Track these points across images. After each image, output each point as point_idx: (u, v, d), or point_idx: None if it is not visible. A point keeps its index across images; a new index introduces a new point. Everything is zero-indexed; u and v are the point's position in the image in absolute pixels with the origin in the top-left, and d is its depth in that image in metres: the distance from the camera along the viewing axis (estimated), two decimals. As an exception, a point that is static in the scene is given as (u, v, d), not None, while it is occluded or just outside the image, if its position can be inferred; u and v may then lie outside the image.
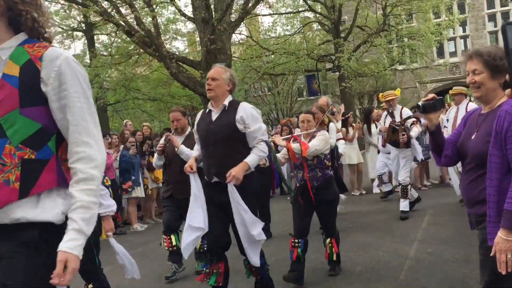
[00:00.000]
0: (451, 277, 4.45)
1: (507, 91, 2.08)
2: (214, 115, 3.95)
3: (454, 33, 28.83)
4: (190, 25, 21.42)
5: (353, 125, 10.60)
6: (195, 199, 3.94)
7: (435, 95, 2.66)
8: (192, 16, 14.87)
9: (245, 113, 3.81)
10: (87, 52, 20.30)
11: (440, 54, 29.10)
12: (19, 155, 1.73)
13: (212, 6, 13.66)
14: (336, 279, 4.76)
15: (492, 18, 29.00)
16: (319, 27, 23.98)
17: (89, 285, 3.94)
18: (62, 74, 1.76)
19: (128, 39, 15.81)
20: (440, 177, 10.36)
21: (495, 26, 28.54)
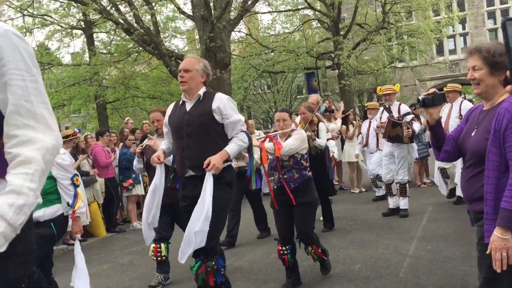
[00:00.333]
0: (450, 275, 4.45)
1: (508, 87, 2.07)
2: (189, 106, 3.75)
3: (453, 31, 28.82)
4: (189, 23, 21.46)
5: (353, 122, 10.61)
6: (153, 191, 3.75)
7: (435, 90, 2.65)
8: (191, 14, 14.83)
9: (222, 103, 3.63)
10: (86, 50, 20.29)
11: (440, 51, 29.08)
12: None
13: (211, 4, 13.63)
14: (335, 276, 4.76)
15: (491, 15, 28.98)
16: (319, 24, 23.98)
17: None
18: (0, 48, 1.54)
19: (127, 37, 15.80)
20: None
21: (495, 24, 28.52)
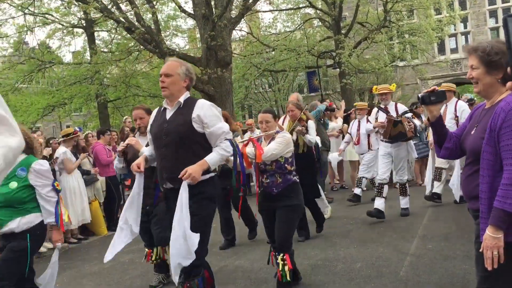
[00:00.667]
0: (451, 273, 4.45)
1: (509, 84, 2.06)
2: (169, 113, 3.53)
3: (455, 30, 28.78)
4: (191, 22, 21.45)
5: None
6: (132, 202, 3.55)
7: (435, 87, 2.66)
8: (192, 12, 14.84)
9: (203, 111, 3.39)
10: (88, 49, 20.30)
11: (441, 50, 29.05)
12: None
13: (212, 2, 13.63)
14: (336, 275, 4.76)
15: (493, 14, 28.93)
16: (320, 23, 23.95)
17: None
18: None
19: (128, 35, 15.79)
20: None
21: (496, 23, 28.45)
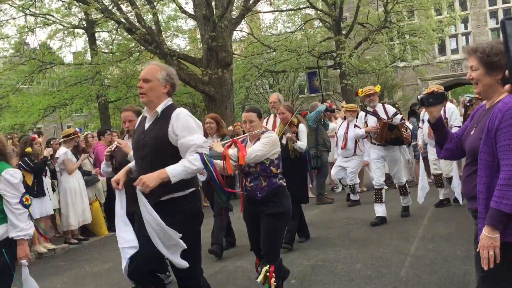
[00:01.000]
0: (452, 274, 4.45)
1: (506, 87, 2.07)
2: (148, 123, 3.30)
3: (455, 30, 28.78)
4: (191, 22, 21.46)
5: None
6: (120, 220, 3.29)
7: (435, 89, 2.66)
8: (193, 13, 14.86)
9: (177, 122, 3.12)
10: (88, 50, 20.31)
11: (442, 51, 29.05)
12: None
13: (213, 3, 13.65)
14: (336, 276, 4.76)
15: (493, 15, 28.92)
16: (320, 24, 23.93)
17: None
18: None
19: (129, 36, 15.81)
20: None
21: (497, 23, 28.43)
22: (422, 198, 7.19)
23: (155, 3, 14.15)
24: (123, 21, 13.64)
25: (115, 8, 14.07)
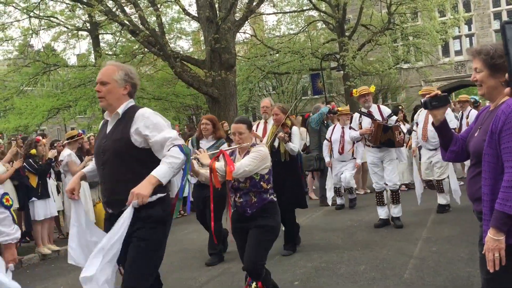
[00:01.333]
0: (455, 276, 4.44)
1: (506, 90, 2.07)
2: (109, 127, 3.08)
3: (459, 32, 28.68)
4: (195, 24, 21.48)
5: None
6: (79, 237, 3.05)
7: (438, 92, 2.66)
8: (196, 15, 14.88)
9: (143, 122, 2.92)
10: (92, 52, 20.35)
11: (446, 52, 28.96)
12: None
13: (216, 5, 13.67)
14: (340, 278, 4.76)
15: (497, 16, 28.83)
16: (324, 25, 23.91)
17: None
18: None
19: (133, 38, 15.84)
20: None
21: (501, 25, 28.33)
22: (419, 199, 7.25)
23: (158, 5, 14.17)
24: (127, 23, 13.68)
25: (118, 10, 14.12)
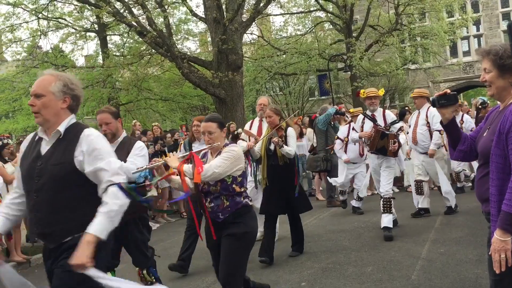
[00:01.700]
0: (463, 278, 4.41)
1: None
2: (45, 146, 2.64)
3: (467, 32, 28.53)
4: (202, 25, 21.52)
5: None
6: None
7: (447, 90, 2.66)
8: (203, 16, 14.93)
9: (90, 145, 2.57)
10: (100, 53, 20.47)
11: (454, 53, 28.81)
12: None
13: (223, 6, 13.70)
14: (347, 279, 4.74)
15: (506, 16, 28.64)
16: (331, 26, 23.90)
17: None
18: None
19: (140, 39, 15.93)
20: (451, 175, 10.16)
21: (510, 25, 28.12)
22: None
23: (166, 7, 14.23)
24: (135, 24, 13.74)
25: (126, 11, 14.19)
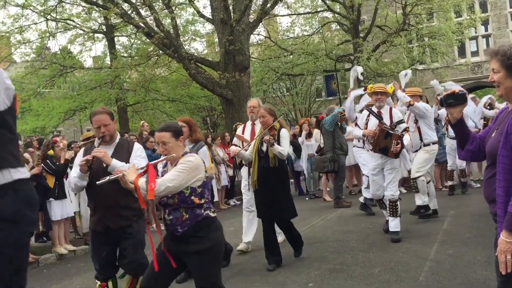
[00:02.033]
0: (472, 279, 4.39)
1: None
2: None
3: (476, 32, 28.36)
4: (209, 26, 21.55)
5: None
6: None
7: (455, 90, 2.66)
8: (210, 17, 14.95)
9: None
10: (108, 54, 20.58)
11: (462, 53, 28.66)
12: None
13: (230, 7, 13.71)
14: (354, 280, 4.74)
15: (515, 16, 28.45)
16: (338, 27, 23.85)
17: None
18: None
19: (148, 40, 15.98)
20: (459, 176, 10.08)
21: (518, 25, 27.97)
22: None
23: (173, 8, 14.27)
24: (142, 25, 13.78)
25: (134, 13, 14.24)
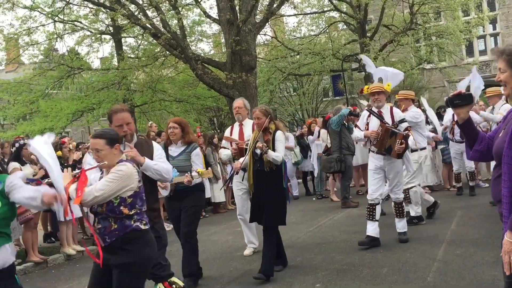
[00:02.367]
0: (480, 280, 4.37)
1: None
2: None
3: (484, 31, 28.18)
4: (215, 27, 21.58)
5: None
6: None
7: (462, 90, 2.65)
8: (217, 17, 14.97)
9: None
10: (115, 55, 20.68)
11: (470, 52, 28.48)
12: None
13: (237, 8, 13.72)
14: (362, 280, 4.72)
15: (523, 15, 28.25)
16: (345, 26, 23.81)
17: None
18: None
19: (155, 41, 16.03)
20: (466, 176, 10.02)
21: (527, 23, 27.75)
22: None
23: (180, 9, 14.31)
24: (149, 26, 13.84)
25: (141, 14, 14.30)
